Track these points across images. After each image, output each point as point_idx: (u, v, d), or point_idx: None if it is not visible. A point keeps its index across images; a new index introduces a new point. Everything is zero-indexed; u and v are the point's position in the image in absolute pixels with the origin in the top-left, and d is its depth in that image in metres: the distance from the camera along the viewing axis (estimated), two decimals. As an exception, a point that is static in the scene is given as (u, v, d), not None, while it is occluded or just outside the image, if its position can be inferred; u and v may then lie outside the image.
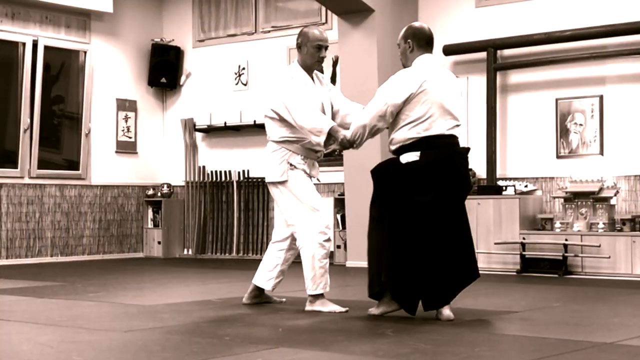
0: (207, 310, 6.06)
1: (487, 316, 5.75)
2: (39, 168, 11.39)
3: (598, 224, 9.00)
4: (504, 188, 9.60)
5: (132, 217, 12.51)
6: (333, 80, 10.66)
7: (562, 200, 9.41)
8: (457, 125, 5.56)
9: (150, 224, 12.54)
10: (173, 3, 12.83)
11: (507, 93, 10.10)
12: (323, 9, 11.10)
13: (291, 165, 5.97)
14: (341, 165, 9.95)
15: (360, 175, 8.54)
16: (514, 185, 9.60)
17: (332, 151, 5.85)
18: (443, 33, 10.39)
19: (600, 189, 9.13)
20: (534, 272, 9.11)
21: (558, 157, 9.72)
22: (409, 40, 5.65)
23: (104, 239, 12.15)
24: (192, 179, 12.50)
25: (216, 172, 12.26)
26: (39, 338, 4.88)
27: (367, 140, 5.77)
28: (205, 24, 12.53)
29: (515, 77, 10.06)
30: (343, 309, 5.82)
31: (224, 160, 12.27)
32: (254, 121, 11.67)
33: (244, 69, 12.10)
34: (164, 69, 12.56)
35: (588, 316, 5.82)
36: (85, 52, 11.93)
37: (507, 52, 10.05)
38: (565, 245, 8.96)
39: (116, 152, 12.31)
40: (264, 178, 12.01)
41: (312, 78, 6.12)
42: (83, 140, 11.89)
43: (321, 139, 5.75)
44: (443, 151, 5.46)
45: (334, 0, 9.92)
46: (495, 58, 9.96)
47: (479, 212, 9.52)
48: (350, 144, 5.65)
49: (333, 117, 6.16)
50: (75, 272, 9.66)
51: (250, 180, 11.93)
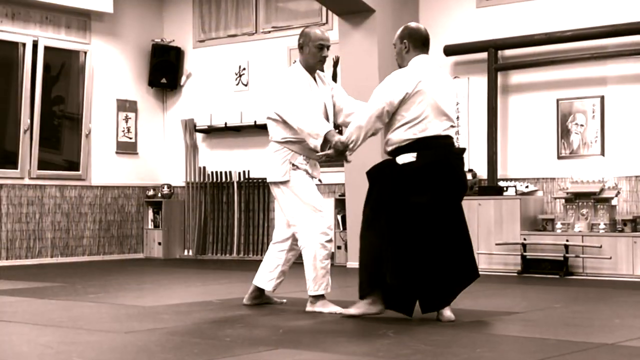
0: (208, 311, 6.06)
1: (488, 317, 5.75)
2: (39, 169, 11.38)
3: (599, 224, 8.99)
4: (504, 189, 9.60)
5: (133, 217, 12.50)
6: (334, 80, 10.65)
7: (563, 200, 9.40)
8: (452, 126, 5.57)
9: (150, 225, 12.53)
10: (173, 3, 12.83)
11: (508, 93, 10.09)
12: (323, 9, 11.09)
13: (293, 165, 5.96)
14: (342, 165, 9.93)
15: (361, 176, 8.44)
16: (514, 186, 9.60)
17: (325, 156, 5.77)
18: (444, 33, 10.39)
19: (602, 190, 9.12)
20: (535, 273, 9.10)
21: (559, 157, 9.71)
22: (405, 41, 5.65)
23: (104, 240, 12.14)
24: (192, 180, 12.49)
25: (217, 172, 12.25)
26: (39, 339, 4.87)
27: (367, 141, 5.74)
28: (205, 24, 12.52)
29: (516, 77, 10.04)
30: (344, 310, 5.80)
31: (225, 160, 12.26)
32: (255, 122, 11.66)
33: (244, 69, 12.09)
34: (165, 70, 12.55)
35: (589, 317, 5.81)
36: (85, 53, 11.92)
37: (508, 52, 10.04)
38: (566, 246, 8.95)
39: (116, 152, 12.30)
40: (264, 179, 11.99)
41: (315, 78, 6.11)
42: (83, 141, 11.89)
43: (318, 142, 5.74)
44: (439, 152, 5.47)
45: (335, 0, 9.91)
46: (496, 58, 9.95)
47: (480, 212, 9.52)
48: (345, 146, 5.58)
49: (336, 116, 6.16)
50: (75, 273, 9.65)
51: (250, 180, 11.92)
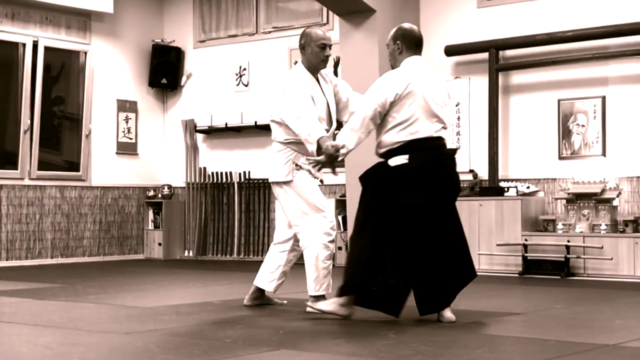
0: (208, 312, 6.04)
1: (489, 318, 5.74)
2: (39, 169, 11.37)
3: (600, 225, 8.98)
4: (506, 189, 9.59)
5: (133, 218, 12.49)
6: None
7: (564, 201, 9.39)
8: (444, 128, 5.56)
9: (150, 226, 12.52)
10: (174, 3, 12.81)
11: (509, 94, 10.08)
12: (324, 9, 11.09)
13: (296, 165, 5.94)
14: (342, 166, 9.91)
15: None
16: (516, 187, 9.59)
17: (315, 163, 5.73)
18: (445, 34, 10.39)
19: (603, 190, 9.11)
20: (536, 274, 9.09)
21: (560, 158, 9.69)
22: (398, 42, 5.65)
23: (104, 241, 12.13)
24: (192, 180, 12.48)
25: (217, 173, 12.23)
26: (39, 340, 4.86)
27: (367, 142, 5.72)
28: (206, 25, 12.51)
29: (518, 77, 10.03)
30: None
31: (225, 161, 12.25)
32: (255, 122, 11.65)
33: (245, 69, 12.08)
34: (165, 70, 12.54)
35: (590, 318, 5.81)
36: (85, 53, 11.91)
37: (509, 52, 10.03)
38: (567, 247, 8.94)
39: (117, 153, 12.29)
40: (265, 179, 12.01)
41: (318, 78, 6.09)
42: (83, 142, 11.87)
43: (313, 148, 5.72)
44: (431, 154, 5.47)
45: (335, 0, 9.89)
46: (497, 59, 9.94)
47: (481, 213, 9.51)
48: (337, 150, 5.53)
49: (340, 113, 6.16)
50: (75, 274, 9.64)
51: (251, 181, 11.90)
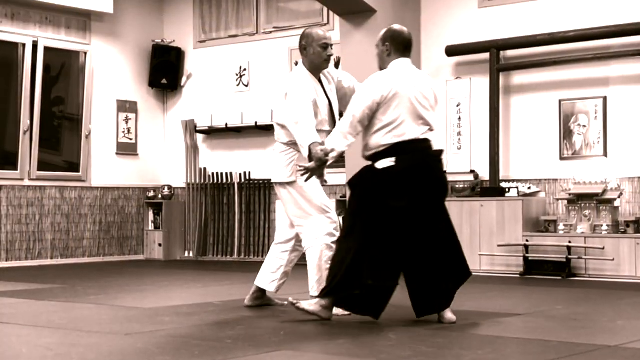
0: (208, 313, 6.04)
1: (490, 318, 5.74)
2: (39, 170, 11.35)
3: (602, 226, 8.96)
4: (507, 190, 9.58)
5: (133, 219, 12.47)
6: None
7: (565, 202, 9.38)
8: (430, 130, 5.56)
9: (151, 226, 12.50)
10: (174, 4, 12.80)
11: (510, 94, 10.06)
12: (325, 9, 11.07)
13: (300, 166, 5.92)
14: (343, 167, 9.89)
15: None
16: (517, 187, 9.57)
17: (304, 170, 5.69)
18: (445, 34, 10.38)
19: (604, 191, 9.10)
20: (537, 275, 9.07)
21: (561, 158, 9.68)
22: (387, 44, 5.64)
23: (104, 241, 12.11)
24: (193, 181, 12.46)
25: (217, 173, 12.21)
26: (39, 341, 4.86)
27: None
28: (206, 25, 12.50)
29: (519, 78, 10.01)
30: (346, 312, 5.77)
31: (225, 161, 12.23)
32: (256, 122, 11.64)
33: (245, 70, 12.06)
34: (165, 70, 12.52)
35: (591, 319, 5.81)
36: (85, 53, 11.89)
37: (510, 53, 10.01)
38: (568, 248, 8.92)
39: (117, 153, 12.27)
40: (265, 180, 11.98)
41: (320, 78, 6.07)
42: (83, 142, 11.86)
43: (306, 154, 5.70)
44: (418, 156, 5.49)
45: (336, 0, 9.88)
46: (498, 59, 9.92)
47: (482, 214, 9.49)
48: (326, 154, 5.48)
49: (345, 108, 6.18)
50: (75, 275, 9.63)
51: (251, 182, 11.89)
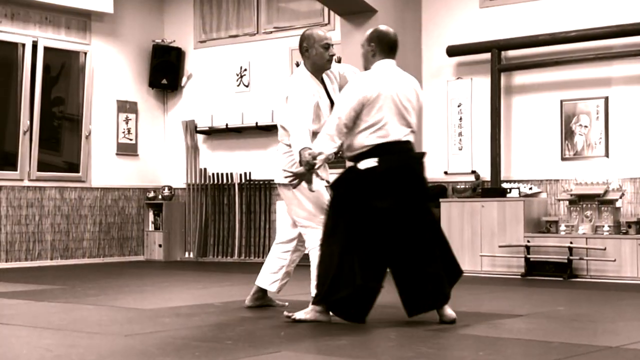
0: (209, 314, 6.04)
1: (491, 319, 5.73)
2: (38, 170, 11.34)
3: (603, 226, 8.94)
4: (508, 190, 9.56)
5: (133, 219, 12.45)
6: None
7: (567, 202, 9.36)
8: (412, 132, 5.58)
9: (151, 227, 12.49)
10: (174, 3, 12.78)
11: (512, 94, 10.04)
12: (325, 9, 11.06)
13: (287, 171, 5.90)
14: (344, 167, 9.89)
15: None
16: (518, 188, 9.56)
17: (292, 176, 5.68)
18: (446, 34, 10.37)
19: (606, 192, 9.08)
20: (539, 275, 9.06)
21: (563, 159, 9.66)
22: (372, 44, 5.65)
23: (104, 242, 12.09)
24: (193, 182, 12.45)
25: (218, 174, 12.20)
26: (39, 342, 4.85)
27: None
28: (206, 25, 12.48)
29: (520, 78, 10.00)
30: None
31: (226, 162, 12.21)
32: (256, 123, 11.62)
33: (245, 70, 12.05)
34: (165, 70, 12.51)
35: (593, 320, 5.80)
36: (85, 53, 11.88)
37: (512, 53, 9.99)
38: (570, 248, 8.91)
39: (117, 154, 12.25)
40: (266, 180, 11.95)
41: (322, 78, 6.05)
42: (83, 142, 11.84)
43: (297, 159, 5.69)
44: (400, 157, 5.50)
45: (337, 0, 9.87)
46: (499, 59, 9.90)
47: (483, 214, 9.48)
48: (314, 157, 5.45)
49: None
50: (75, 276, 9.62)
51: (252, 182, 11.87)
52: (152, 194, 12.47)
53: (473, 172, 10.11)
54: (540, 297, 7.32)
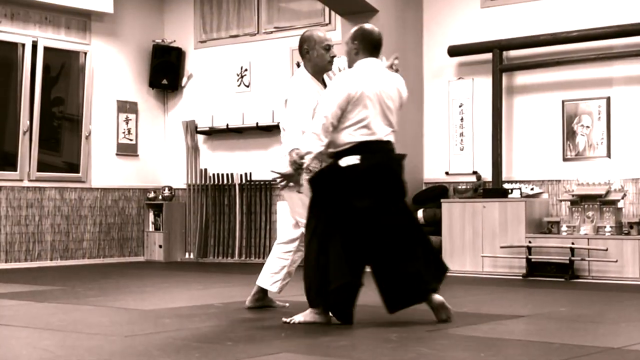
0: (209, 315, 6.03)
1: (493, 320, 5.71)
2: (38, 171, 11.32)
3: (605, 227, 8.93)
4: (509, 191, 9.55)
5: (133, 220, 12.44)
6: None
7: (568, 203, 9.34)
8: (393, 132, 5.57)
9: (151, 228, 12.47)
10: (174, 3, 12.77)
11: (513, 95, 10.03)
12: (326, 9, 11.04)
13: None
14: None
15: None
16: (520, 188, 9.54)
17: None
18: (448, 34, 10.36)
19: (608, 192, 9.07)
20: (540, 276, 9.04)
21: (564, 159, 9.65)
22: (356, 42, 5.62)
23: (104, 243, 12.07)
24: (193, 182, 12.43)
25: (218, 174, 12.18)
26: (39, 343, 4.85)
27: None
28: (207, 25, 12.46)
29: (522, 78, 9.98)
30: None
31: (226, 162, 12.20)
32: (257, 123, 11.61)
33: (246, 70, 12.03)
34: (165, 70, 12.49)
35: (595, 321, 5.79)
36: (85, 53, 11.86)
37: (513, 53, 9.98)
38: (571, 249, 8.89)
39: (117, 154, 12.24)
40: (266, 181, 11.91)
41: (323, 79, 6.05)
42: (83, 143, 11.82)
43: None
44: (382, 156, 5.50)
45: (338, 0, 9.86)
46: (501, 59, 9.89)
47: (485, 215, 9.46)
48: (301, 157, 5.42)
49: None
50: (75, 276, 9.61)
51: (252, 183, 11.85)
52: (152, 195, 12.45)
53: (474, 172, 10.09)
54: (541, 298, 7.30)
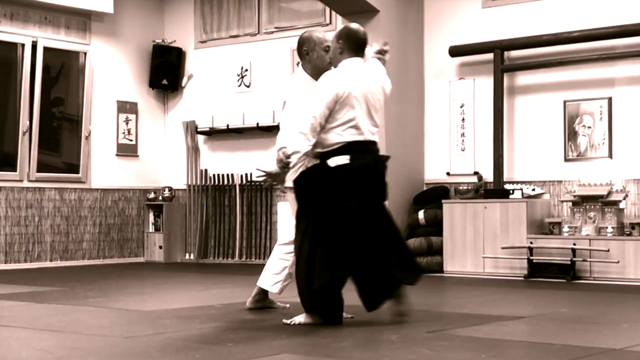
0: (209, 316, 6.02)
1: (494, 321, 5.71)
2: (38, 171, 11.30)
3: (607, 228, 8.91)
4: (511, 191, 9.53)
5: (133, 221, 12.42)
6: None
7: (570, 204, 9.33)
8: (377, 132, 5.59)
9: (151, 228, 12.46)
10: (175, 3, 12.76)
11: (515, 95, 10.02)
12: (327, 9, 11.03)
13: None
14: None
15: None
16: (521, 189, 9.53)
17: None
18: (449, 34, 10.35)
19: (609, 193, 9.05)
20: (542, 277, 9.04)
21: (566, 160, 9.63)
22: (340, 41, 5.63)
23: (104, 243, 12.06)
24: (193, 183, 12.42)
25: (218, 175, 12.17)
26: (38, 344, 4.84)
27: None
28: (207, 25, 12.45)
29: (523, 78, 9.97)
30: (348, 315, 5.73)
31: (226, 163, 12.19)
32: (257, 123, 11.60)
33: (246, 70, 12.02)
34: (166, 71, 12.48)
35: (596, 322, 5.79)
36: (85, 54, 11.85)
37: (515, 53, 9.96)
38: (573, 250, 8.88)
39: (117, 155, 12.22)
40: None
41: None
42: (83, 143, 11.81)
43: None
44: (370, 157, 5.51)
45: (339, 0, 9.84)
46: (502, 59, 9.87)
47: (486, 215, 9.45)
48: (287, 157, 5.43)
49: None
50: (75, 277, 9.61)
51: (253, 183, 11.83)
52: (152, 195, 12.44)
53: (476, 173, 10.08)
54: (543, 298, 7.30)
